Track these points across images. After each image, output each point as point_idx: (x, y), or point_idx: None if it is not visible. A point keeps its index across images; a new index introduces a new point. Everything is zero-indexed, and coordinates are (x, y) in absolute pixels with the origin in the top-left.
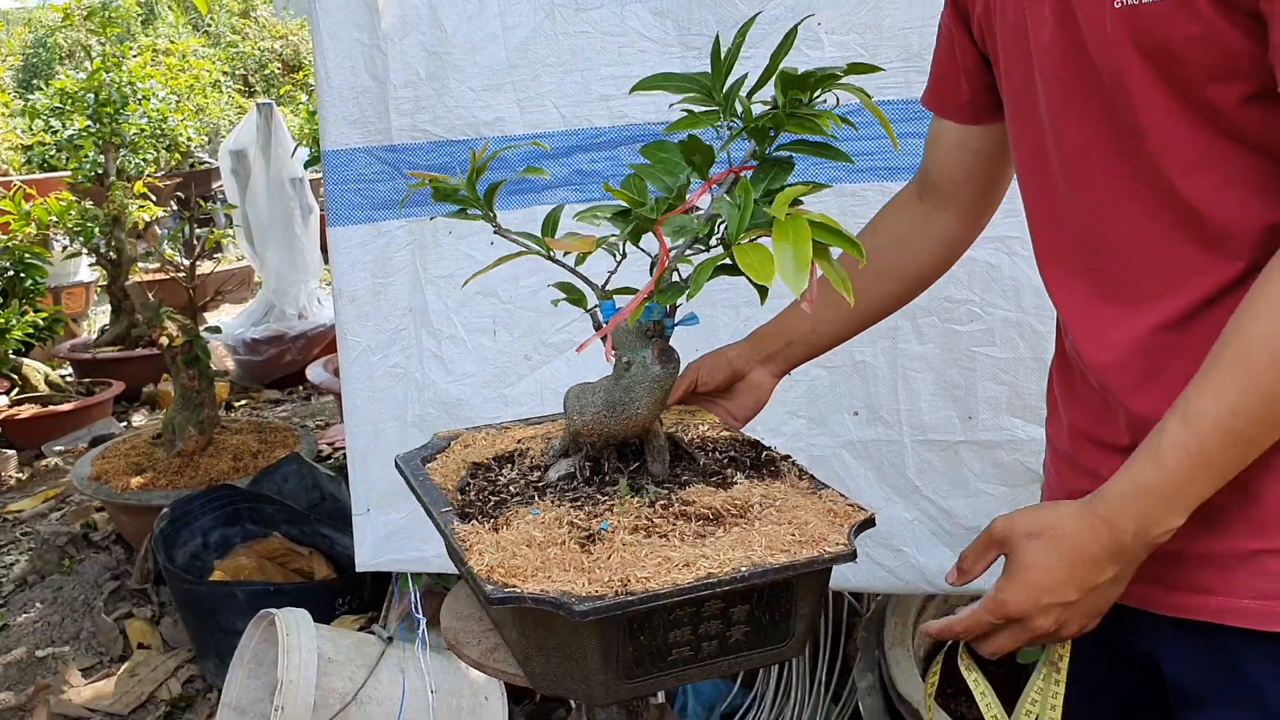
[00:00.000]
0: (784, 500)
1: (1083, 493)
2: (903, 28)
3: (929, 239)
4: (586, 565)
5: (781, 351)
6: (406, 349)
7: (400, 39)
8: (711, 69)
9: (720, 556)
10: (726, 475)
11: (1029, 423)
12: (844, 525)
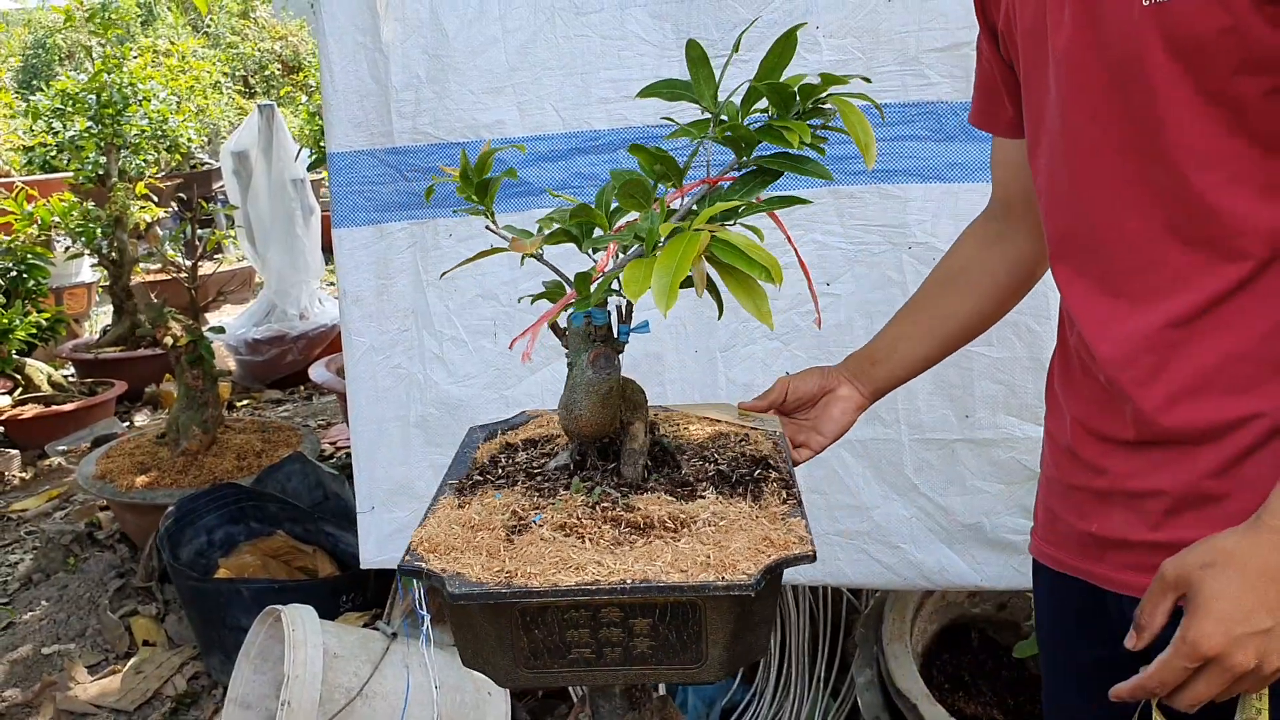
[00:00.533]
0: (731, 522)
1: (1083, 488)
2: (899, 31)
3: (1001, 258)
4: (499, 552)
5: (867, 371)
6: (409, 350)
7: (402, 42)
8: (691, 77)
9: (616, 566)
10: (696, 488)
11: (1025, 421)
12: (765, 557)
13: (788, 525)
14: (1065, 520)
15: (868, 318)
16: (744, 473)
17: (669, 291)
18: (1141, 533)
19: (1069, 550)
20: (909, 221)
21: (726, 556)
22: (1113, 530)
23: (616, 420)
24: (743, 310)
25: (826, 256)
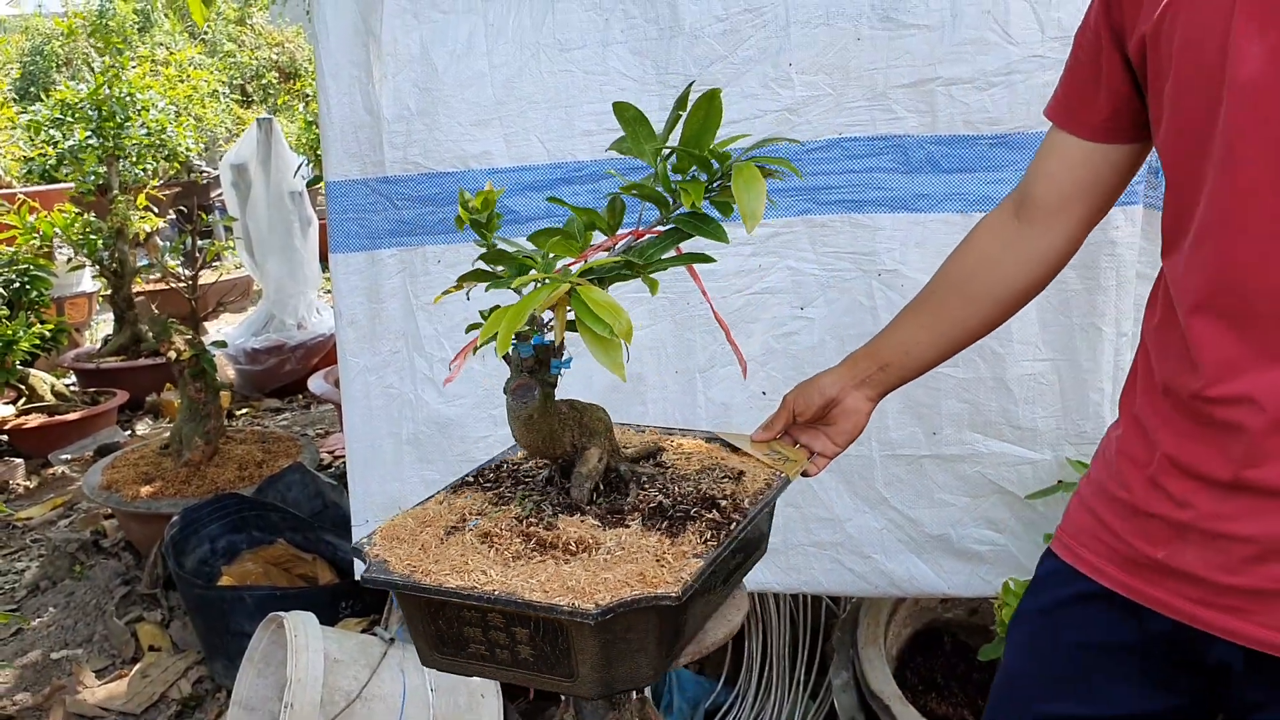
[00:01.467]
0: (628, 553)
1: (1162, 517)
2: (868, 68)
3: (1025, 258)
4: (428, 549)
5: (875, 375)
6: (401, 371)
7: (394, 76)
8: (628, 136)
9: (495, 577)
10: (627, 517)
11: (989, 437)
12: (625, 592)
13: (677, 566)
14: (1126, 540)
15: (839, 340)
16: (684, 509)
17: (504, 337)
18: (1217, 574)
19: (1124, 568)
20: (878, 249)
21: (592, 585)
22: (1184, 564)
23: (557, 443)
24: (720, 332)
25: (801, 282)
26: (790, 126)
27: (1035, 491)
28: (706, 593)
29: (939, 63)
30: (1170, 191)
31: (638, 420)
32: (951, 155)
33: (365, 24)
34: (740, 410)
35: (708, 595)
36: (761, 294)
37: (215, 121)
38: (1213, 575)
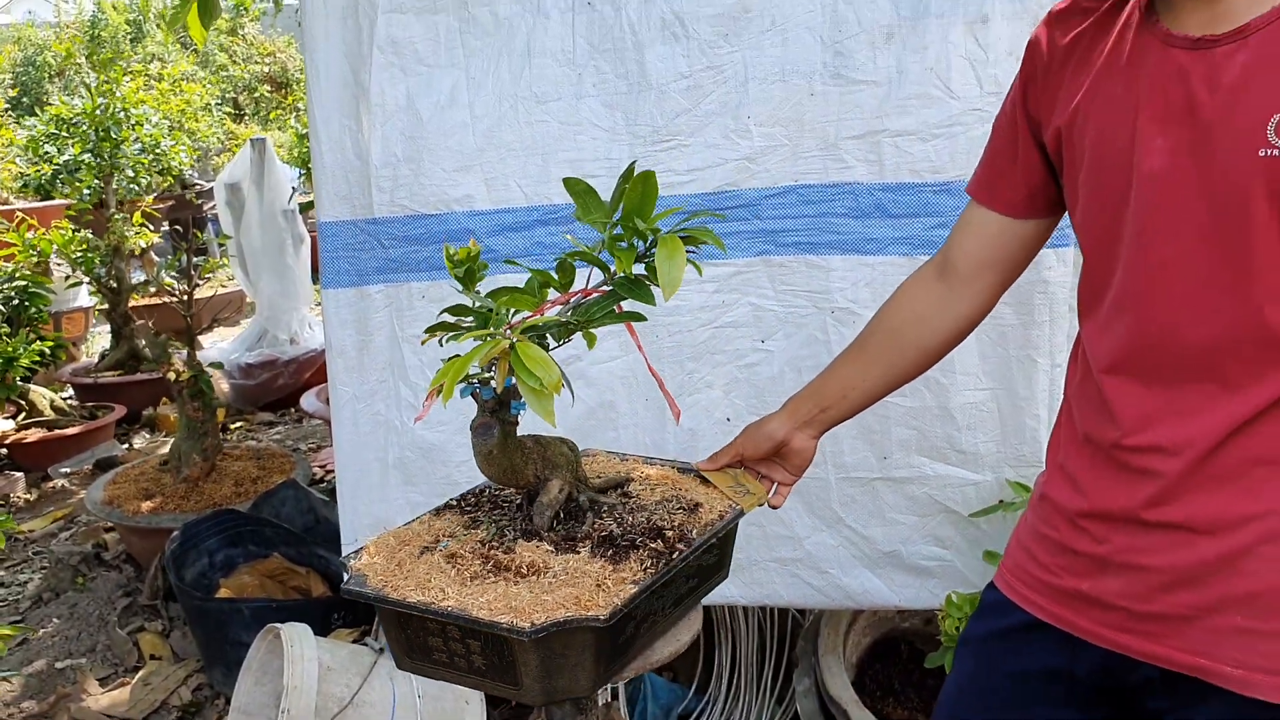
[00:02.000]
0: (571, 577)
1: (1084, 553)
2: (821, 121)
3: (947, 317)
4: (404, 565)
5: (817, 417)
6: (387, 399)
7: (381, 125)
8: (578, 206)
9: (451, 594)
10: (578, 544)
11: (935, 461)
12: (559, 613)
13: (613, 591)
14: (1055, 574)
15: (797, 371)
16: (631, 538)
17: (448, 388)
18: (1134, 602)
19: (1052, 599)
20: (831, 288)
21: (532, 606)
22: (1106, 594)
23: (519, 475)
24: (688, 363)
25: (761, 317)
26: (750, 174)
27: (978, 510)
28: (650, 615)
29: (886, 116)
30: (1087, 264)
31: (612, 445)
32: (898, 201)
33: (355, 77)
34: (707, 436)
35: (653, 618)
36: (725, 328)
37: (208, 135)
38: (1131, 604)
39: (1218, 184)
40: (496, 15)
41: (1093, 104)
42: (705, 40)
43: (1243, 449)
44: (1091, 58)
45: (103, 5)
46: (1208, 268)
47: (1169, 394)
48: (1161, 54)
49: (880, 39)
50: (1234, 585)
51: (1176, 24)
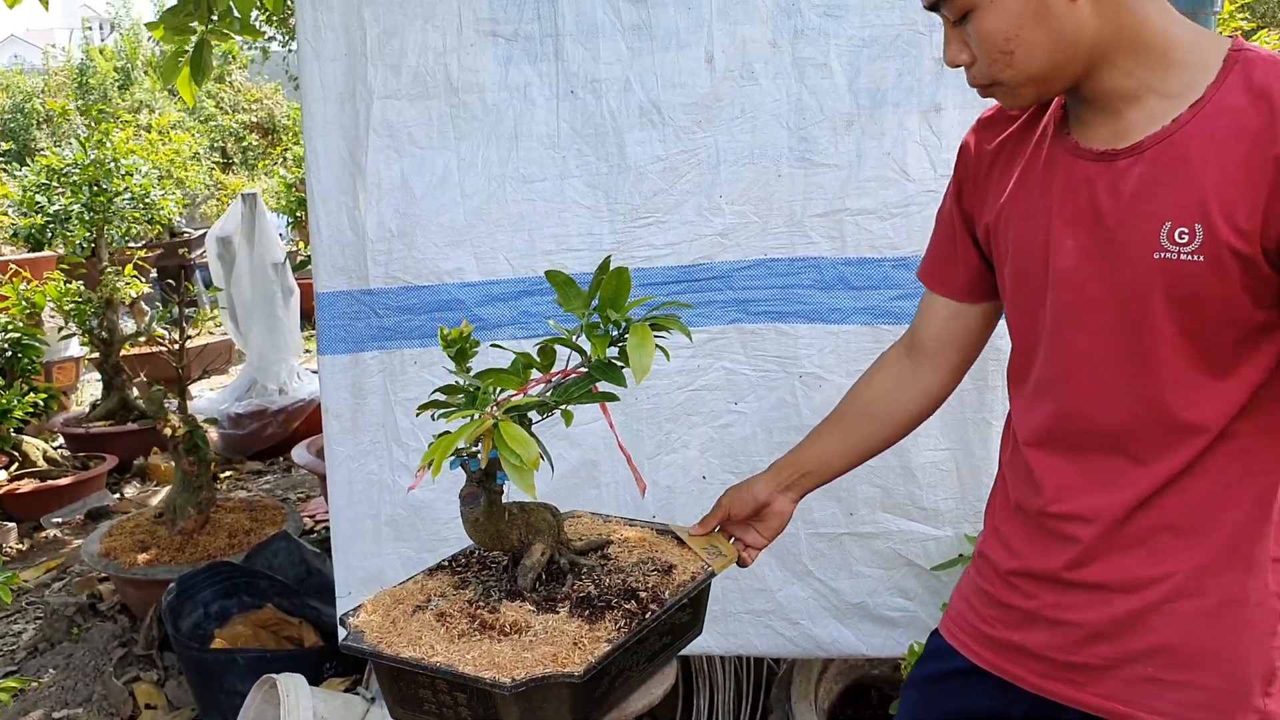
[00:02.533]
0: (550, 636)
1: (1015, 607)
2: (788, 200)
3: (915, 392)
4: (398, 622)
5: (798, 481)
6: (380, 459)
7: (377, 202)
8: (560, 296)
9: (440, 650)
10: (558, 604)
11: (898, 517)
12: (538, 670)
13: (588, 649)
14: (991, 624)
15: (768, 432)
16: (608, 599)
17: (438, 461)
18: (1059, 653)
19: (987, 647)
20: (799, 355)
21: (513, 662)
22: (1034, 644)
23: (504, 540)
24: (665, 424)
25: (734, 381)
26: (722, 248)
27: (939, 564)
28: (625, 670)
29: (847, 196)
30: (1014, 347)
31: (594, 503)
32: (860, 275)
33: (352, 158)
34: (683, 493)
35: (627, 673)
36: (700, 390)
37: (195, 183)
38: (1056, 654)
39: (1121, 282)
40: (485, 102)
41: (1014, 205)
42: (680, 126)
43: (1149, 518)
44: (1014, 162)
45: (91, 53)
46: (1116, 358)
47: (1085, 468)
48: (1071, 163)
49: (841, 126)
50: (1143, 640)
51: (1085, 138)
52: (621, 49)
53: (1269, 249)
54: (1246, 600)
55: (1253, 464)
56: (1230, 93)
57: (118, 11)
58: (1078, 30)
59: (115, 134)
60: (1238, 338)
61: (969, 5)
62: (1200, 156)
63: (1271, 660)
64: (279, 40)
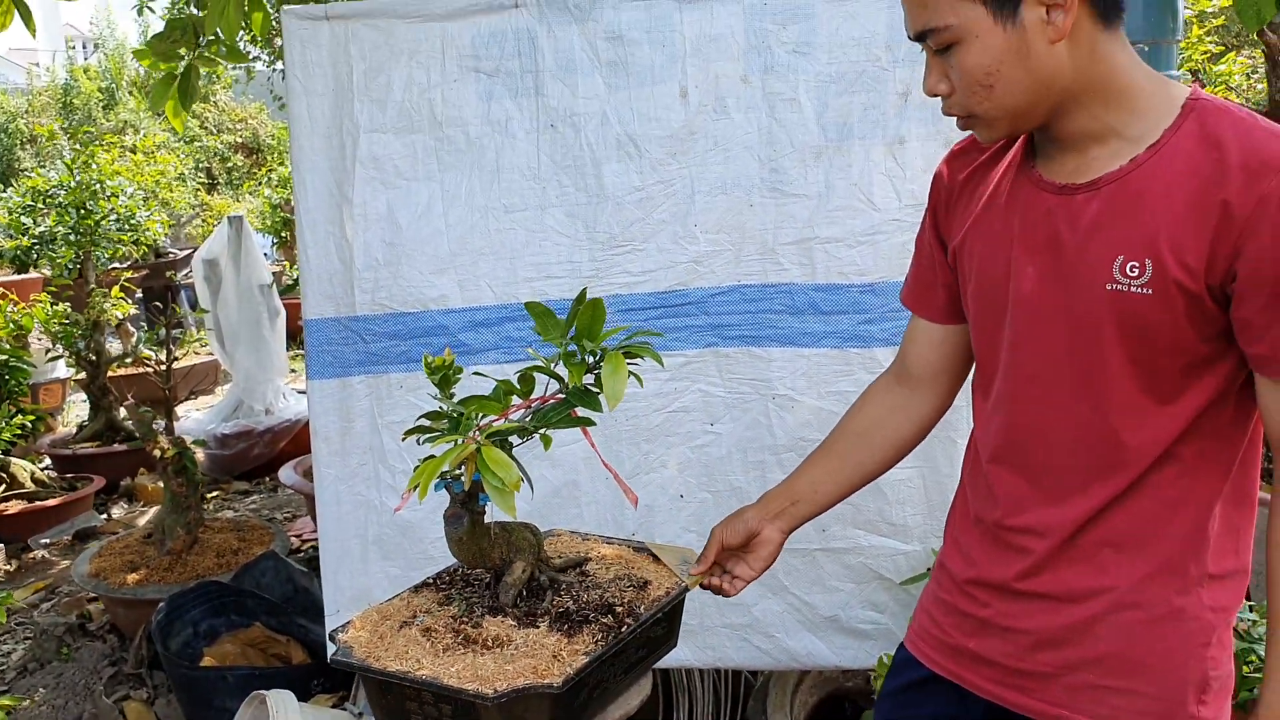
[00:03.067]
0: (531, 649)
1: (971, 615)
2: (760, 228)
3: (907, 418)
4: (385, 638)
5: (788, 509)
6: (368, 480)
7: (364, 232)
8: (538, 325)
9: (425, 663)
10: (538, 619)
11: (869, 533)
12: (518, 681)
13: (567, 661)
14: (949, 633)
15: (743, 452)
16: (585, 614)
17: (423, 486)
18: (1010, 659)
19: (945, 655)
20: (772, 378)
21: (496, 674)
22: (988, 652)
23: (486, 558)
24: (644, 444)
25: (710, 403)
26: (697, 274)
27: (908, 578)
28: (602, 682)
29: (816, 225)
30: (977, 365)
31: (575, 521)
32: (829, 300)
33: (339, 189)
34: (662, 511)
35: (605, 684)
36: (677, 412)
37: (180, 204)
38: (1007, 661)
39: (1076, 310)
40: (468, 135)
41: (978, 231)
42: (656, 158)
43: (1095, 533)
44: (981, 191)
45: (75, 72)
46: (1068, 380)
47: (1039, 483)
48: (1034, 195)
49: (810, 158)
50: (1087, 648)
51: (1048, 171)
52: (599, 85)
53: (1213, 286)
54: (1183, 613)
55: (1191, 485)
56: (1185, 138)
57: (102, 31)
58: (1054, 72)
59: (101, 155)
60: (1182, 367)
61: (954, 39)
62: (1153, 196)
63: (1205, 670)
64: (264, 60)
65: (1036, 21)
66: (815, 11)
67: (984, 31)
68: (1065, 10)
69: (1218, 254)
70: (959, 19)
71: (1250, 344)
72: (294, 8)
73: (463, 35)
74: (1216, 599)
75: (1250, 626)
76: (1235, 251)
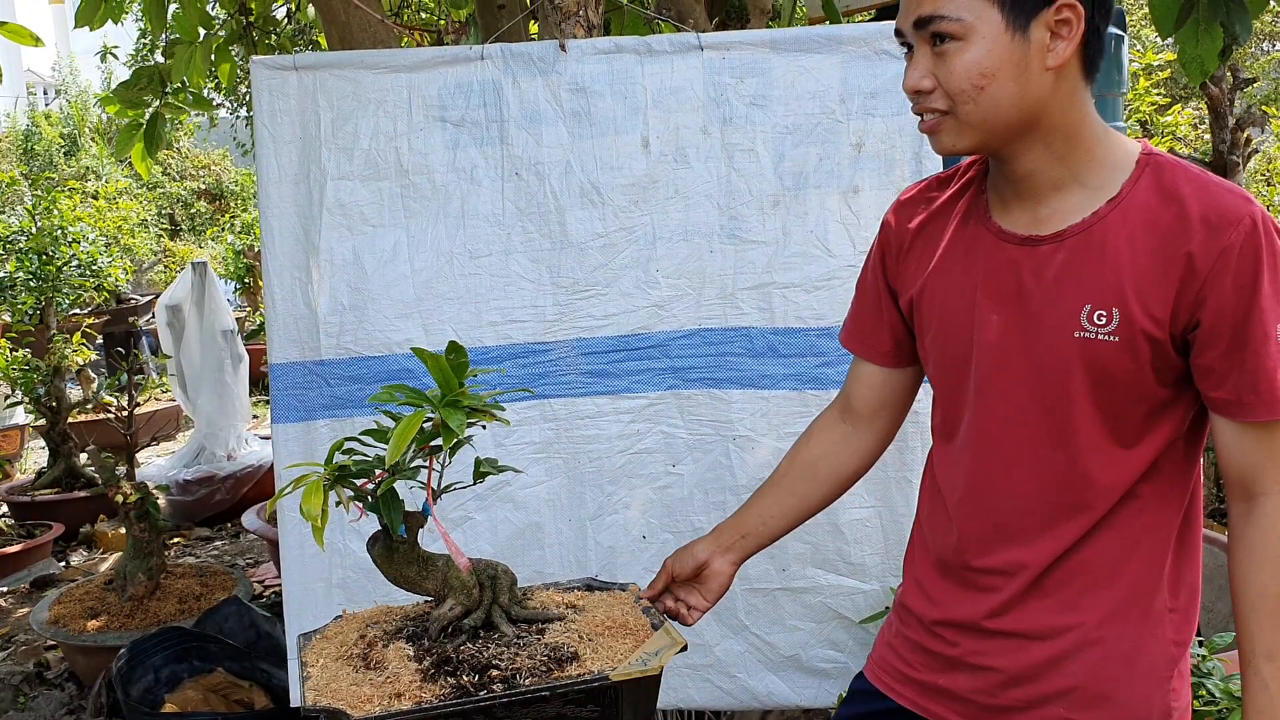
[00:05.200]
0: (388, 681)
1: (939, 654)
2: (720, 273)
3: (851, 453)
4: (344, 644)
5: (738, 543)
6: (331, 524)
7: (330, 278)
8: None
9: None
10: (432, 656)
11: (828, 572)
12: (335, 703)
13: (398, 702)
14: (916, 669)
15: (704, 493)
16: (465, 667)
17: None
18: (980, 696)
19: (914, 690)
20: (733, 419)
21: (353, 695)
22: (957, 688)
23: (416, 586)
24: (607, 486)
25: (672, 444)
26: (659, 318)
27: (867, 616)
28: None
29: (774, 271)
30: (941, 408)
31: (538, 563)
32: (787, 343)
33: (306, 235)
34: (625, 553)
35: None
36: (640, 454)
37: (143, 250)
38: (978, 697)
39: (1043, 358)
40: (434, 182)
41: (938, 281)
42: (618, 206)
43: (1061, 572)
44: (936, 240)
45: (36, 118)
46: (1035, 425)
47: (1007, 525)
48: (995, 245)
49: (768, 206)
50: (1056, 683)
51: (1007, 222)
52: (563, 134)
53: (1175, 334)
54: (1147, 647)
55: (1150, 522)
56: (1143, 192)
57: (65, 78)
58: (1039, 97)
59: (63, 201)
60: (1145, 413)
61: (961, 33)
62: (1116, 247)
63: (1168, 701)
64: (228, 107)
65: (1040, 43)
66: (771, 66)
67: (993, 35)
68: (1068, 42)
69: (1182, 304)
70: (973, 15)
71: (1212, 389)
72: (262, 58)
73: (429, 86)
74: (1178, 632)
75: (1200, 661)
76: (1198, 301)
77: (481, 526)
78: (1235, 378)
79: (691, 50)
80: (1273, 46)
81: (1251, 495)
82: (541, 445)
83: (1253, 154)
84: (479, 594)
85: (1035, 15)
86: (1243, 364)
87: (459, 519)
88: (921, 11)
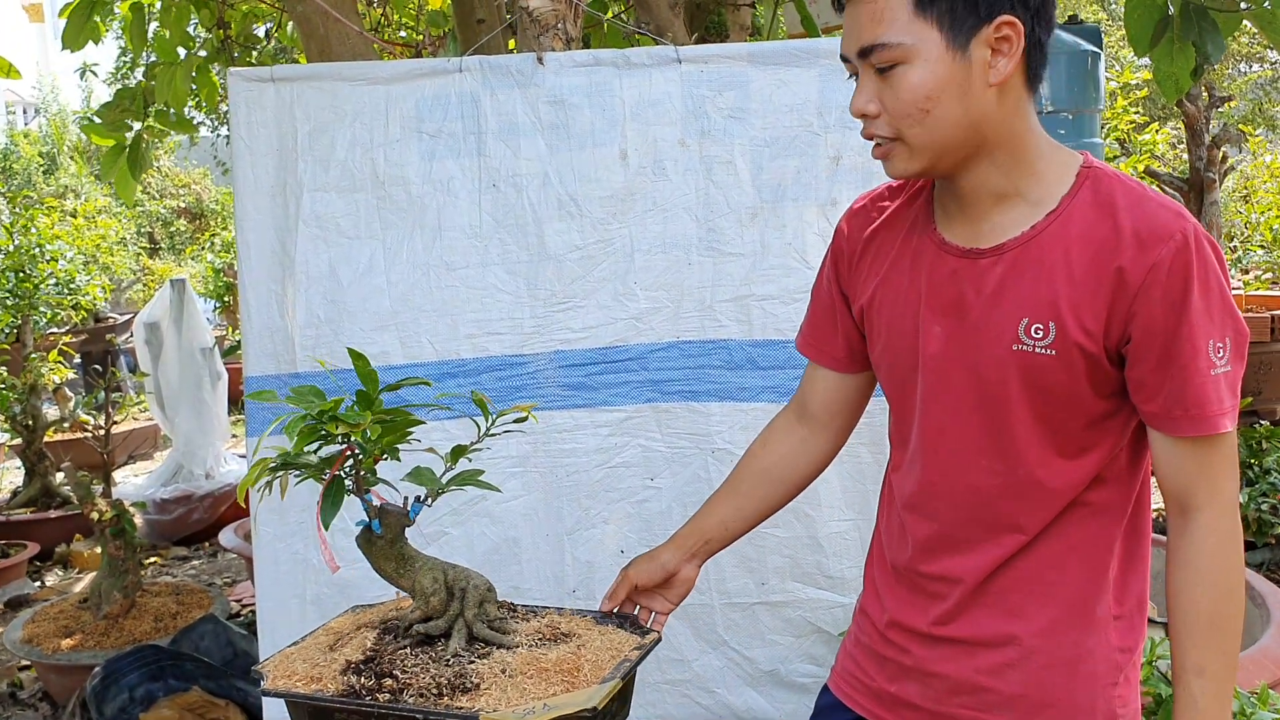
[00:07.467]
0: (330, 663)
1: (892, 660)
2: (698, 286)
3: (810, 456)
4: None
5: (701, 548)
6: (306, 539)
7: (306, 290)
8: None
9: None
10: (390, 656)
11: (807, 586)
12: (289, 685)
13: (314, 686)
14: (871, 676)
15: (683, 506)
16: (404, 674)
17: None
18: (929, 703)
19: (870, 699)
20: (711, 431)
21: (309, 674)
22: (909, 696)
23: (396, 581)
24: (585, 500)
25: (650, 458)
26: (637, 331)
27: (846, 630)
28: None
29: (753, 283)
30: (892, 416)
31: (515, 579)
32: (766, 355)
33: (283, 248)
34: (602, 568)
35: None
36: (618, 468)
37: (121, 268)
38: (927, 704)
39: (983, 370)
40: (410, 194)
41: (885, 291)
42: (596, 218)
43: (1005, 579)
44: (885, 250)
45: (15, 137)
46: (977, 435)
47: (952, 532)
48: (938, 257)
49: (746, 218)
50: (1001, 691)
51: (950, 234)
52: (541, 146)
53: (1109, 348)
54: (1092, 654)
55: (1094, 529)
56: (1080, 205)
57: (45, 96)
58: (984, 114)
59: (41, 219)
60: (1085, 424)
61: (902, 58)
62: (1053, 261)
63: (1113, 707)
64: (208, 125)
65: (981, 61)
66: (749, 79)
67: (934, 57)
68: (1009, 58)
69: (1114, 318)
70: (913, 39)
71: (1145, 402)
72: (240, 69)
73: (406, 98)
74: (1124, 639)
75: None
76: (1129, 316)
77: (458, 541)
78: (1165, 393)
79: (670, 63)
80: (1250, 68)
81: (1186, 510)
82: (519, 459)
83: (1229, 172)
84: (447, 603)
85: (975, 34)
86: (1172, 379)
87: (434, 534)
88: (863, 41)
